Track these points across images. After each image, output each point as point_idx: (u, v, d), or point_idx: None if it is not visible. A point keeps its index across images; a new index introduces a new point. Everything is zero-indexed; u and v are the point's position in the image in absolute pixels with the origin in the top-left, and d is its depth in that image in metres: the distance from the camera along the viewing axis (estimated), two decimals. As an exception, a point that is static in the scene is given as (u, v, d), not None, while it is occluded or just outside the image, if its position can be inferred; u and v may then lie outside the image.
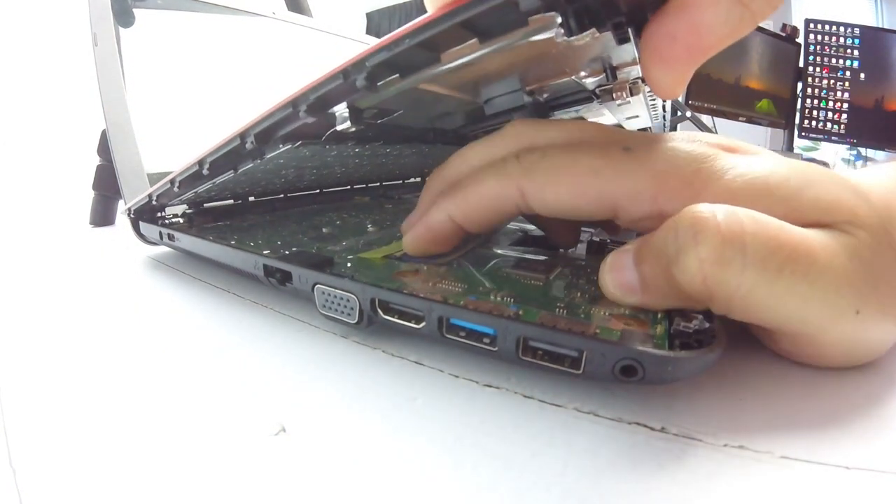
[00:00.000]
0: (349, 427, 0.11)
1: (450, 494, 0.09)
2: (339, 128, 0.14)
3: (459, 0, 0.09)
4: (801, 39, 0.98)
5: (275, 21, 0.39)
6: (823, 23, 0.96)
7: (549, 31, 0.10)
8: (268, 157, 0.16)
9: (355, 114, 0.14)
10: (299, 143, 0.16)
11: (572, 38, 0.10)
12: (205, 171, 0.18)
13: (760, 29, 0.93)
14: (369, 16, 2.41)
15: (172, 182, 0.19)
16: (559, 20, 0.10)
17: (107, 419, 0.11)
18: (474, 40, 0.11)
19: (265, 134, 0.15)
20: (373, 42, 0.11)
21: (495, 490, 0.09)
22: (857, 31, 0.96)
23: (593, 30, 0.10)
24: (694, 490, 0.09)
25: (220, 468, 0.10)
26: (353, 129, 0.14)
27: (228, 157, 0.17)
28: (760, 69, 0.94)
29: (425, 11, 0.11)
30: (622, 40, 0.12)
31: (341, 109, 0.14)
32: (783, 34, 1.01)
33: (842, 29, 0.96)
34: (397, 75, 0.12)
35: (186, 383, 0.13)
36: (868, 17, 1.64)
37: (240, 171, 0.18)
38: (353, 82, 0.12)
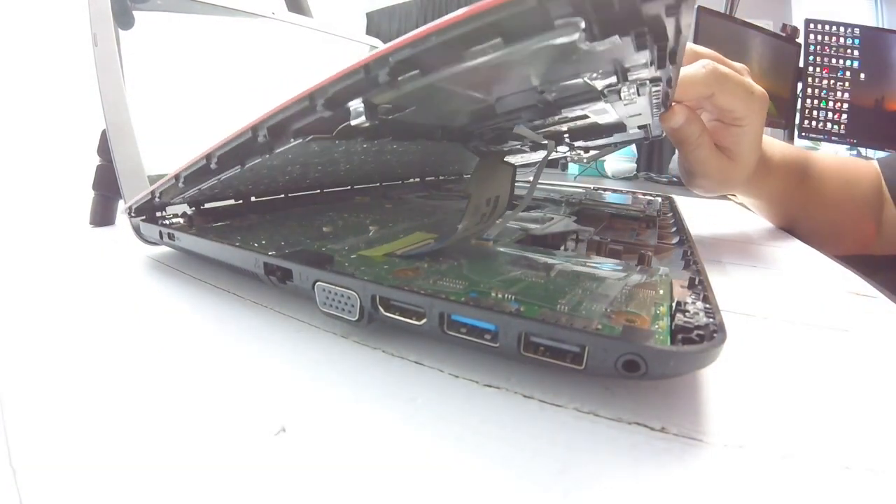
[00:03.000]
0: (349, 427, 0.11)
1: (450, 494, 0.09)
2: (353, 122, 0.14)
3: (491, 2, 0.10)
4: (801, 39, 0.98)
5: (275, 21, 0.39)
6: (823, 23, 0.96)
7: (572, 35, 0.11)
8: (277, 151, 0.16)
9: (370, 109, 0.14)
10: (311, 137, 0.16)
11: (594, 44, 0.10)
12: (212, 166, 0.18)
13: (760, 29, 0.93)
14: (369, 16, 2.41)
15: (177, 178, 0.19)
16: (583, 25, 0.10)
17: (107, 419, 0.11)
18: (498, 40, 0.11)
19: (279, 127, 0.15)
20: (374, 42, 0.11)
21: (495, 490, 0.09)
22: (857, 31, 0.96)
23: (615, 36, 0.10)
24: (694, 490, 0.09)
25: (220, 468, 0.09)
26: (367, 125, 0.14)
27: (238, 151, 0.17)
28: (760, 69, 0.94)
29: (425, 11, 0.11)
30: (641, 47, 0.12)
31: (357, 104, 0.14)
32: (783, 34, 1.01)
33: (842, 29, 0.96)
34: (418, 72, 0.12)
35: (186, 383, 0.13)
36: (868, 17, 1.64)
37: (247, 166, 0.18)
38: (374, 77, 0.12)
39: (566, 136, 0.29)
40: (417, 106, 0.17)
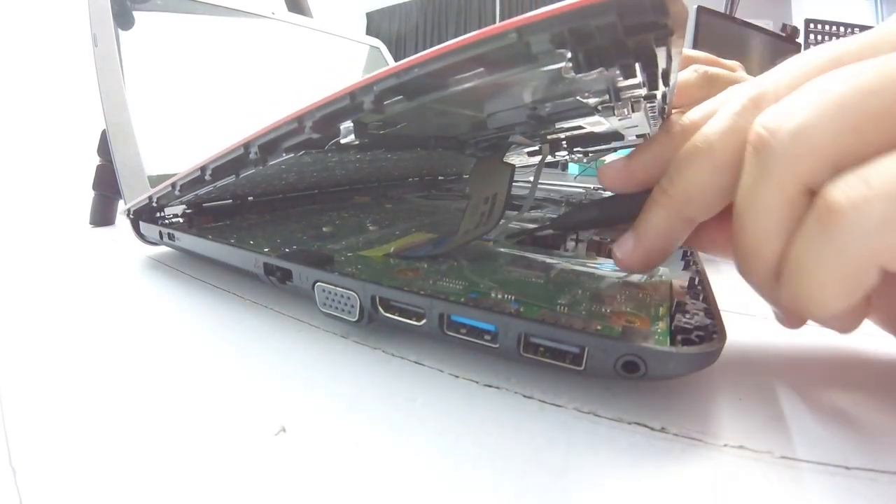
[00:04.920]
0: (349, 427, 0.11)
1: (450, 494, 0.09)
2: (343, 141, 0.14)
3: (477, 36, 0.10)
4: (801, 39, 0.98)
5: (275, 21, 0.39)
6: (823, 23, 0.96)
7: (557, 65, 0.11)
8: (270, 164, 0.16)
9: (359, 128, 0.14)
10: (302, 152, 0.16)
11: (580, 75, 0.10)
12: (206, 177, 0.18)
13: (760, 29, 0.92)
14: (369, 16, 2.41)
15: (173, 186, 0.19)
16: (569, 55, 0.10)
17: (107, 419, 0.11)
18: (481, 70, 0.11)
19: (270, 145, 0.15)
20: (375, 42, 0.11)
21: (495, 490, 0.09)
22: (856, 31, 0.96)
23: (601, 68, 0.10)
24: (694, 490, 0.09)
25: (220, 468, 0.09)
26: (357, 143, 0.14)
27: (231, 164, 0.17)
28: (760, 69, 0.94)
29: (425, 11, 0.11)
30: (629, 76, 0.12)
31: (346, 124, 0.14)
32: (783, 34, 1.01)
33: (842, 29, 0.96)
34: (403, 97, 0.12)
35: (186, 383, 0.13)
36: (868, 17, 1.64)
37: (241, 175, 0.18)
38: (360, 104, 0.12)
39: (564, 143, 0.29)
40: (408, 123, 0.17)
